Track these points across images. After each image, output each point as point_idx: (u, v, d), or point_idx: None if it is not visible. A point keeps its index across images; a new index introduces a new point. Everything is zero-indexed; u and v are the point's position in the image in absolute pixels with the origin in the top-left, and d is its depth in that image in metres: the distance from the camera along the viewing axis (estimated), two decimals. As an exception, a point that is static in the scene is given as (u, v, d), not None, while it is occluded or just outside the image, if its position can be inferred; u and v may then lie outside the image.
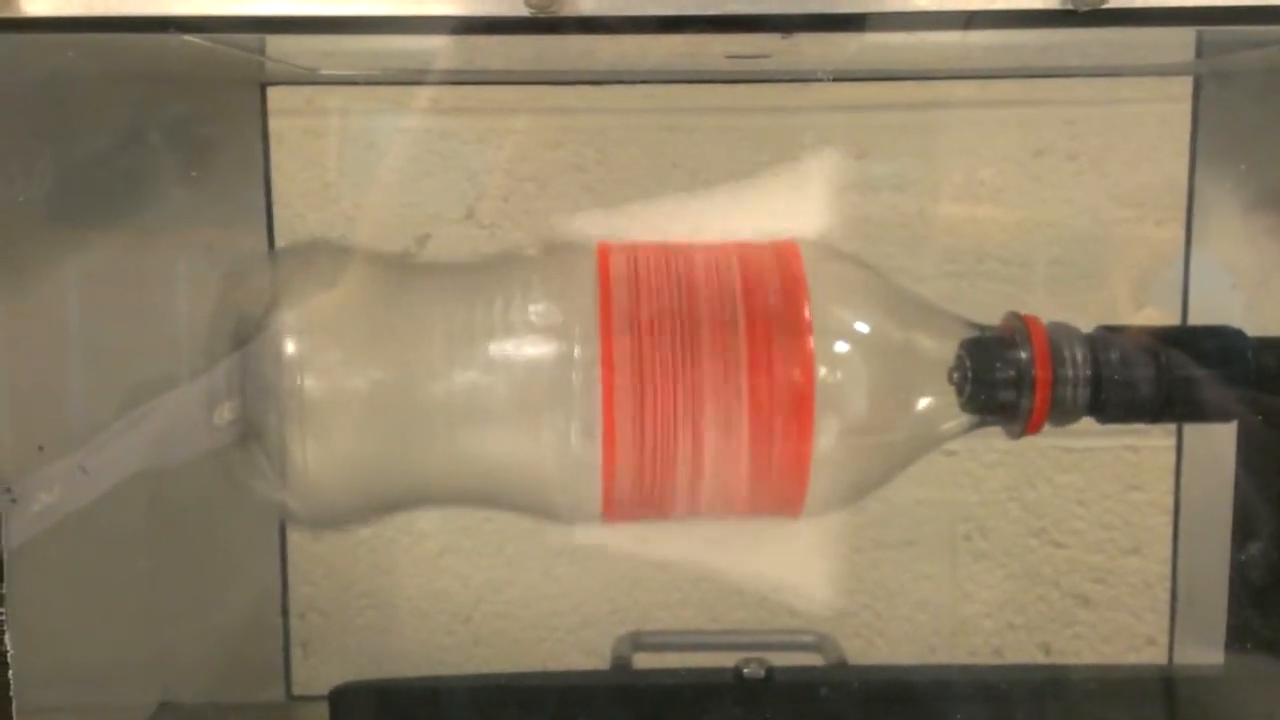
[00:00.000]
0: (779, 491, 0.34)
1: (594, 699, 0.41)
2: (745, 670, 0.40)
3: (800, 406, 0.33)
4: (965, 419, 0.35)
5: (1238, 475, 0.37)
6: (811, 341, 0.33)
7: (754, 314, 0.33)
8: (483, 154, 0.52)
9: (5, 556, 0.30)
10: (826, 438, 0.33)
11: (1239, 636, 0.38)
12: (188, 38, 0.29)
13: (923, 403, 0.35)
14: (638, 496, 0.34)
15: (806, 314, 0.33)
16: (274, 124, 0.48)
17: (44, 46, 0.30)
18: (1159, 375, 0.34)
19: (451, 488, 0.36)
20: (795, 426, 0.33)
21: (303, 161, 0.51)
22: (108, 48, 0.32)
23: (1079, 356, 0.34)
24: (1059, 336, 0.35)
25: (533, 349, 0.34)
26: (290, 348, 0.34)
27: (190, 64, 0.37)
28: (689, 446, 0.33)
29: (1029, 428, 0.35)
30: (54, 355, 0.37)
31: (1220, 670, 0.39)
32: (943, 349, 0.35)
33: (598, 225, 0.53)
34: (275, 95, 0.48)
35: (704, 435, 0.33)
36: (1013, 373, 0.34)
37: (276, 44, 0.37)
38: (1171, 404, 0.34)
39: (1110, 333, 0.35)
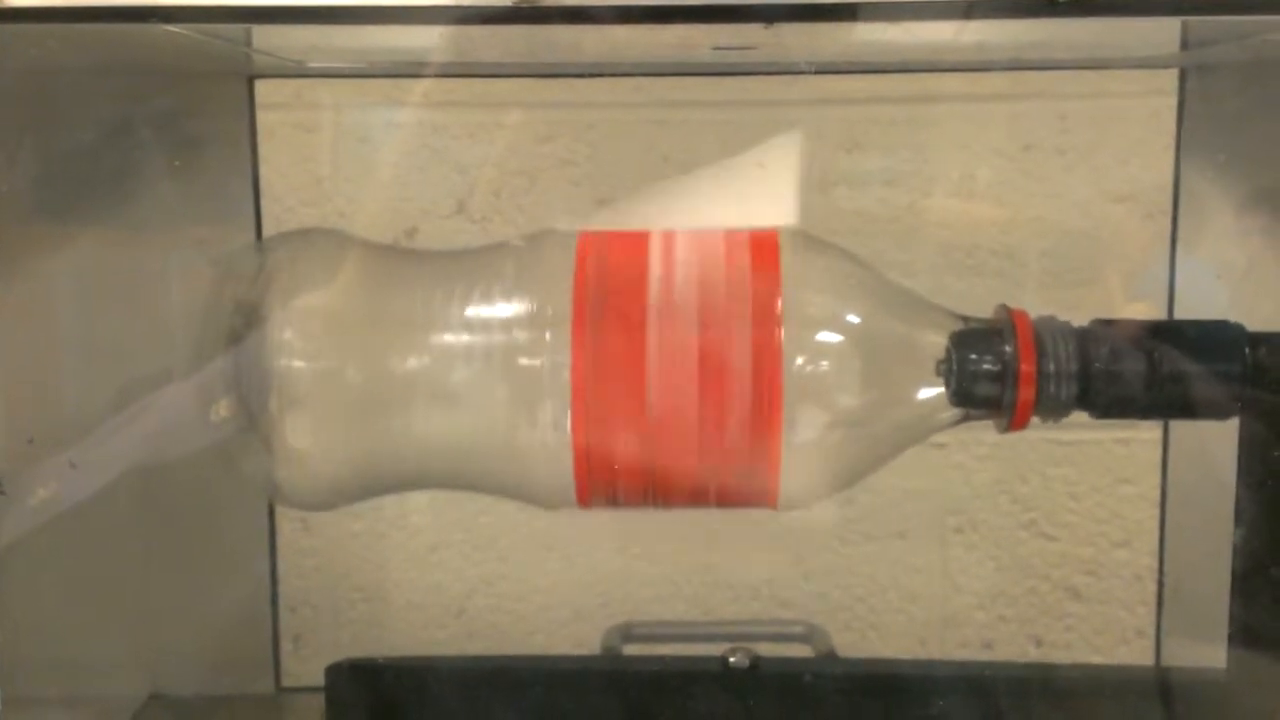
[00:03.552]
0: (751, 481, 0.34)
1: (583, 684, 0.42)
2: (731, 659, 0.40)
3: (768, 397, 0.33)
4: (952, 412, 0.35)
5: (1240, 471, 0.36)
6: (781, 332, 0.33)
7: (727, 304, 0.33)
8: (473, 148, 0.52)
9: (-6, 548, 0.30)
10: (801, 428, 0.33)
11: (1241, 633, 0.37)
12: (171, 28, 0.29)
13: (908, 395, 0.35)
14: (610, 483, 0.34)
15: (778, 305, 0.33)
16: (263, 118, 0.48)
17: (26, 38, 0.30)
18: (1150, 371, 0.34)
19: (433, 471, 0.36)
20: (763, 417, 0.33)
21: (292, 156, 0.51)
22: (91, 39, 0.32)
23: (1066, 351, 0.34)
24: (1047, 331, 0.34)
25: (507, 335, 0.34)
26: (281, 332, 0.34)
27: (176, 56, 0.37)
28: (659, 434, 0.33)
29: (1015, 422, 0.35)
30: (43, 349, 0.37)
31: (1222, 674, 0.38)
32: (930, 341, 0.35)
33: (588, 217, 0.53)
34: (264, 89, 0.48)
35: (673, 424, 0.33)
36: (998, 366, 0.34)
37: (262, 36, 0.37)
38: (1163, 400, 0.34)
39: (1103, 327, 0.35)
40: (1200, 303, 0.45)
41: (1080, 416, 0.35)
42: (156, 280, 0.42)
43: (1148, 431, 0.52)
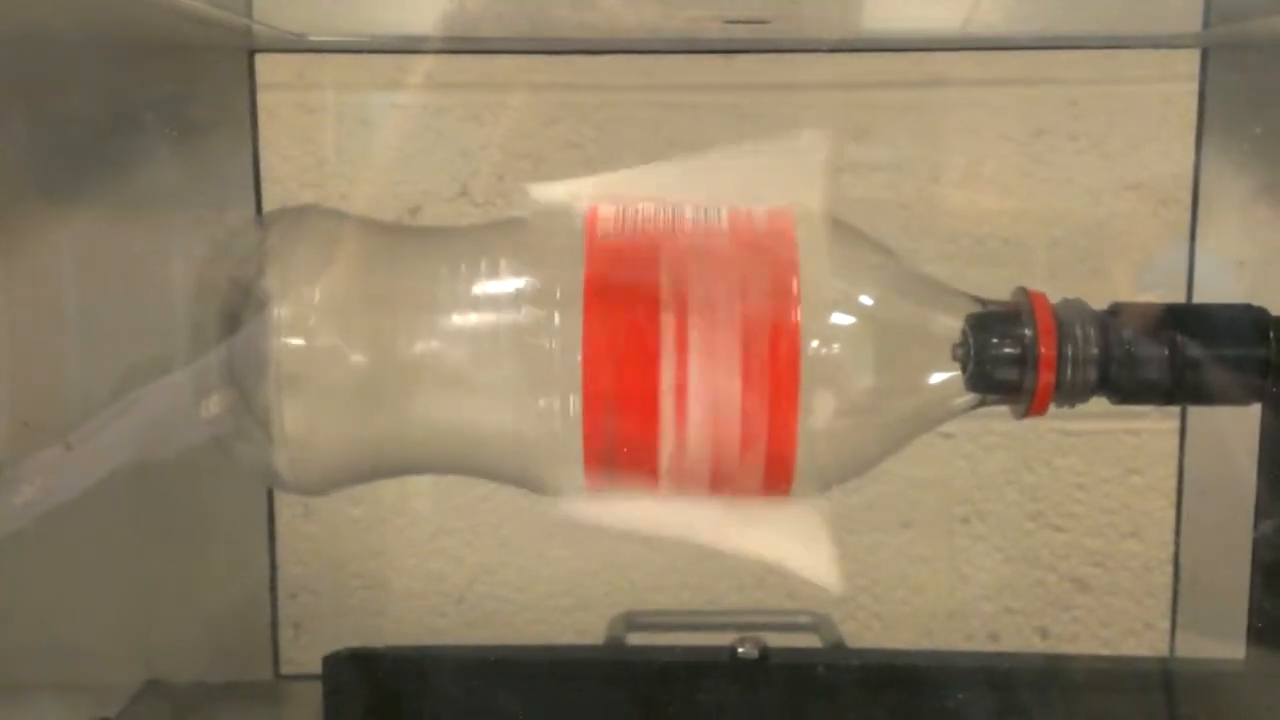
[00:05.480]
0: (766, 467, 0.33)
1: (587, 674, 0.41)
2: (740, 650, 0.40)
3: (785, 380, 0.32)
4: (969, 397, 0.34)
5: (1261, 460, 0.35)
6: (798, 314, 0.32)
7: (742, 284, 0.33)
8: (477, 130, 0.51)
9: (-12, 532, 0.30)
10: (817, 412, 0.32)
11: (1261, 626, 0.36)
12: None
13: (924, 379, 0.34)
14: (619, 467, 0.33)
15: (795, 284, 0.33)
16: (264, 98, 0.48)
17: (21, 4, 0.29)
18: (1172, 355, 0.33)
19: (437, 455, 0.35)
20: (780, 400, 0.32)
21: (294, 137, 0.51)
22: (88, 5, 0.31)
23: (1086, 334, 0.33)
24: (1068, 314, 0.34)
25: (515, 316, 0.33)
26: (279, 311, 0.33)
27: (174, 27, 0.36)
28: (670, 418, 0.32)
29: (1034, 407, 0.34)
30: (38, 330, 0.37)
31: (1240, 666, 0.38)
32: (947, 325, 0.34)
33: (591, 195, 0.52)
34: (265, 69, 0.47)
35: (685, 407, 0.32)
36: (1017, 350, 0.33)
37: (262, 5, 0.37)
38: (1185, 385, 0.33)
39: (1124, 311, 0.34)
40: (1219, 291, 0.45)
41: (1089, 406, 0.35)
42: (155, 261, 0.42)
43: (1158, 421, 0.51)
